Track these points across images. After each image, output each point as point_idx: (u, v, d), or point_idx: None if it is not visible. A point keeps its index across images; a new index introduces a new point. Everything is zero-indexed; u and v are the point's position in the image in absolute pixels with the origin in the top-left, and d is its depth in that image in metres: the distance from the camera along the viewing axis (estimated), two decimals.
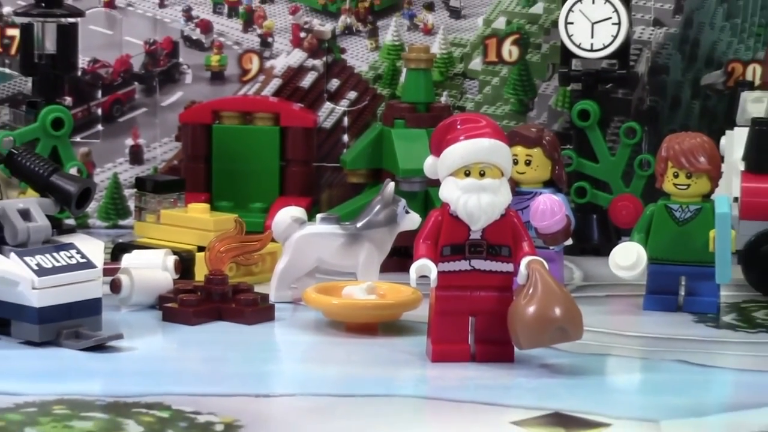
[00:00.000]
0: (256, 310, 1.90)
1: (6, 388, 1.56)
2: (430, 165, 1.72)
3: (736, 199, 2.05)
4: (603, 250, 2.16)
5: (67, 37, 2.30)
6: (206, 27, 2.53)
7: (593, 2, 2.32)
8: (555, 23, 2.41)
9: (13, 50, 2.49)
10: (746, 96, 2.31)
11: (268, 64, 2.54)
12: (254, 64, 2.54)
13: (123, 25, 2.53)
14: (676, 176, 1.94)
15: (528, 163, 2.04)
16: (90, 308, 1.76)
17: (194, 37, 2.55)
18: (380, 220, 1.97)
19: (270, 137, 2.35)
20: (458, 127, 1.69)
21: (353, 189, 2.30)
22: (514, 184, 1.77)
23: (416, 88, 2.29)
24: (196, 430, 1.43)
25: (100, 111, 2.54)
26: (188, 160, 2.39)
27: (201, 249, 2.06)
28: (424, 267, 1.66)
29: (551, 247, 1.95)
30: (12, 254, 1.72)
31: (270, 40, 2.54)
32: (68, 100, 2.39)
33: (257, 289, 1.96)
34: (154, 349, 1.78)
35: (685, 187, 1.94)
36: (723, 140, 2.21)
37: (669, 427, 1.48)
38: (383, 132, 2.27)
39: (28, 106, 2.33)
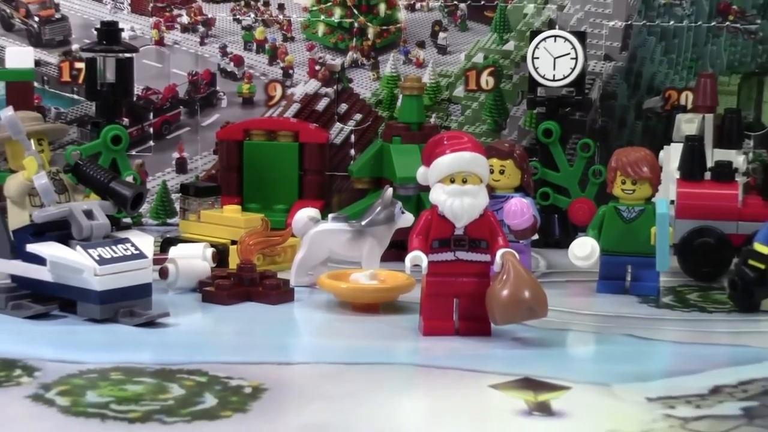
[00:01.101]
0: (279, 292, 1.88)
1: (72, 358, 1.55)
2: (422, 174, 1.71)
3: (672, 202, 2.02)
4: (563, 243, 2.14)
5: (125, 69, 2.28)
6: (238, 61, 2.52)
7: (555, 41, 2.31)
8: (524, 58, 2.39)
9: (80, 80, 2.45)
10: (680, 117, 2.30)
11: (289, 91, 2.52)
12: (278, 92, 2.52)
13: (170, 60, 2.51)
14: (623, 183, 1.92)
15: (502, 172, 2.02)
16: (142, 291, 1.75)
17: (229, 70, 2.53)
18: (381, 219, 1.95)
19: (290, 151, 2.33)
20: (445, 142, 1.69)
21: (359, 193, 2.28)
22: (491, 190, 1.75)
23: (410, 111, 2.27)
24: (228, 393, 1.42)
25: (151, 130, 2.52)
26: (223, 170, 2.36)
27: (234, 242, 2.04)
28: (417, 257, 1.66)
29: (521, 241, 1.92)
30: (78, 247, 1.71)
31: (291, 72, 2.52)
32: (125, 120, 2.37)
33: (280, 275, 1.94)
34: (194, 324, 1.77)
35: (631, 191, 1.92)
36: (662, 153, 2.19)
37: (619, 389, 1.47)
38: (383, 147, 2.25)
39: (92, 125, 2.31)
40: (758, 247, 1.83)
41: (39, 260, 1.72)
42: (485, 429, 1.34)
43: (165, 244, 2.08)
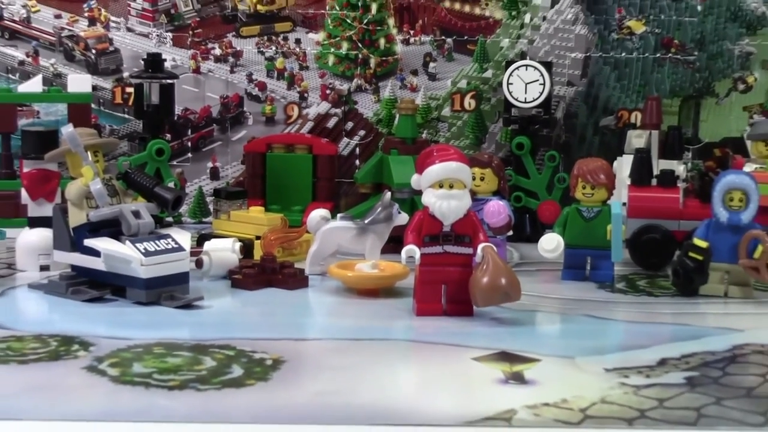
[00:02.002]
0: (296, 280, 1.87)
1: (121, 335, 1.54)
2: (415, 180, 1.71)
3: (624, 204, 2.01)
4: (533, 238, 2.12)
5: (167, 92, 2.28)
6: (262, 86, 2.51)
7: (526, 69, 2.30)
8: (500, 84, 2.37)
9: (130, 102, 2.44)
10: (631, 133, 2.29)
11: (304, 111, 2.51)
12: (295, 112, 2.51)
13: (205, 85, 2.51)
14: (584, 188, 1.91)
15: (482, 179, 2.00)
16: (180, 278, 1.74)
17: (254, 93, 2.52)
18: (381, 218, 1.94)
19: (305, 161, 2.31)
20: (434, 154, 1.69)
21: (362, 197, 2.27)
22: (473, 194, 1.74)
23: (405, 128, 2.26)
24: (252, 364, 1.42)
25: (189, 143, 2.51)
26: (250, 177, 2.34)
27: (258, 238, 2.03)
28: (411, 250, 1.66)
29: (498, 237, 1.91)
30: (127, 242, 1.71)
31: (306, 95, 2.51)
32: (167, 136, 2.36)
33: (297, 265, 1.92)
34: (224, 307, 1.75)
35: (590, 195, 1.91)
36: (615, 163, 2.18)
37: (581, 361, 1.46)
38: (383, 158, 2.24)
39: (139, 140, 2.31)
40: (697, 241, 1.83)
41: (94, 253, 1.72)
42: (468, 395, 1.33)
43: (200, 239, 2.06)
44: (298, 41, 2.50)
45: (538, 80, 2.30)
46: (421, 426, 1.22)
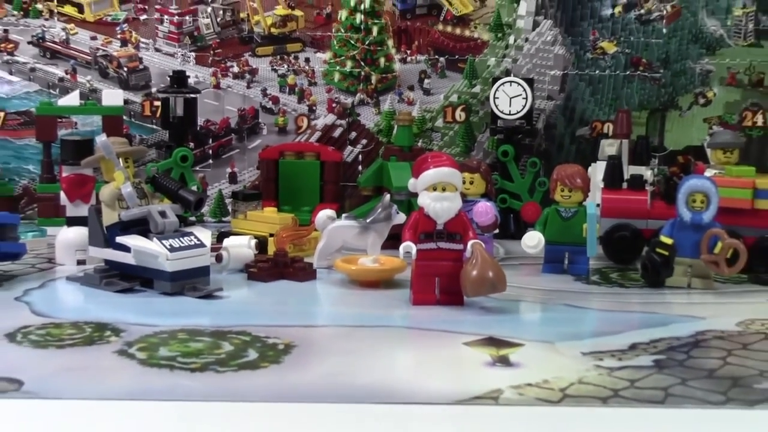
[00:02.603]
0: (305, 273, 1.85)
1: (149, 322, 1.53)
2: (412, 184, 1.69)
3: (598, 205, 2.00)
4: (517, 236, 2.09)
5: (190, 106, 2.27)
6: (275, 100, 2.50)
7: (510, 85, 2.29)
8: (487, 98, 2.36)
9: (157, 114, 2.42)
10: (604, 142, 2.29)
11: (313, 122, 2.49)
12: (305, 123, 2.50)
13: (224, 99, 2.49)
14: (562, 191, 1.90)
15: (471, 183, 2.00)
16: (202, 272, 1.73)
17: (268, 107, 2.50)
18: (381, 217, 1.92)
19: (314, 167, 2.29)
20: (429, 160, 1.68)
21: (364, 198, 2.25)
22: (463, 196, 1.73)
23: (403, 137, 2.25)
24: (266, 348, 1.41)
25: (210, 151, 2.49)
26: (264, 181, 2.32)
27: (271, 235, 2.02)
28: (408, 246, 1.65)
29: (486, 234, 1.89)
30: (154, 239, 1.70)
31: (314, 108, 2.50)
32: (191, 144, 2.35)
33: (306, 260, 1.90)
34: (241, 297, 1.73)
35: (567, 197, 1.90)
36: (590, 169, 2.17)
37: (560, 346, 1.45)
38: (383, 164, 2.23)
39: (166, 148, 2.30)
40: (663, 238, 1.82)
41: (125, 248, 1.71)
42: (459, 376, 1.32)
43: (220, 237, 2.05)
44: (307, 60, 2.50)
45: (521, 95, 2.29)
46: (416, 404, 1.21)
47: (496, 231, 1.98)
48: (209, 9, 2.49)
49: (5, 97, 2.44)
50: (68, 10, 2.47)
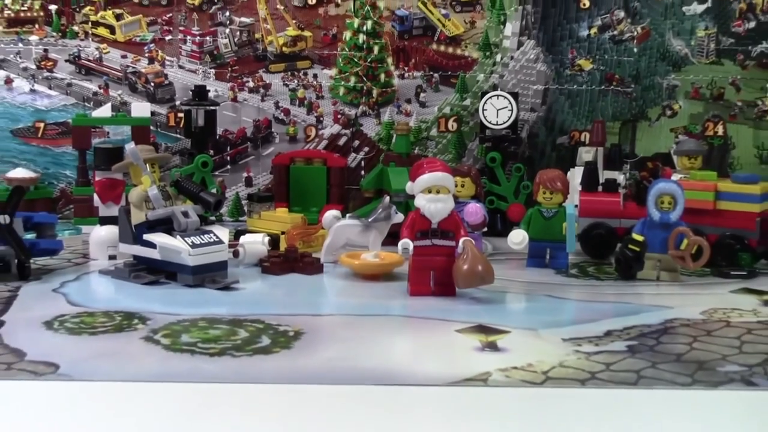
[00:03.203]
0: (313, 267, 1.84)
1: (173, 311, 1.52)
2: (409, 187, 1.68)
3: (576, 206, 1.98)
4: (504, 233, 2.09)
5: (210, 117, 2.26)
6: (287, 112, 2.49)
7: (498, 98, 2.27)
8: (477, 110, 2.34)
9: (181, 124, 2.41)
10: (581, 149, 2.28)
11: (321, 132, 2.48)
12: (313, 132, 2.48)
13: (241, 111, 2.48)
14: (544, 193, 1.88)
15: (462, 186, 1.99)
16: (221, 266, 1.71)
17: (280, 118, 2.49)
18: (381, 217, 1.90)
19: (321, 172, 2.28)
20: (424, 166, 1.67)
21: (366, 200, 2.23)
22: (455, 198, 1.71)
23: (401, 145, 2.24)
24: (278, 335, 1.39)
25: (228, 158, 2.48)
26: (276, 184, 2.31)
27: (283, 233, 2.00)
28: (406, 243, 1.63)
29: (475, 232, 1.88)
30: (178, 236, 1.69)
31: (321, 119, 2.49)
32: (211, 151, 2.33)
33: (314, 255, 1.89)
34: (255, 289, 1.71)
35: (549, 199, 1.88)
36: (569, 173, 2.16)
37: (543, 333, 1.44)
38: (383, 169, 2.21)
39: (188, 155, 2.29)
40: (635, 236, 1.80)
41: (152, 245, 1.69)
42: (452, 360, 1.31)
43: (237, 234, 2.03)
44: (315, 76, 2.48)
45: (507, 107, 2.27)
46: (413, 386, 1.20)
47: (485, 229, 1.98)
48: (227, 30, 2.48)
49: (45, 109, 2.43)
50: (101, 31, 2.46)
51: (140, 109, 2.27)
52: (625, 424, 1.12)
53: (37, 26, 2.43)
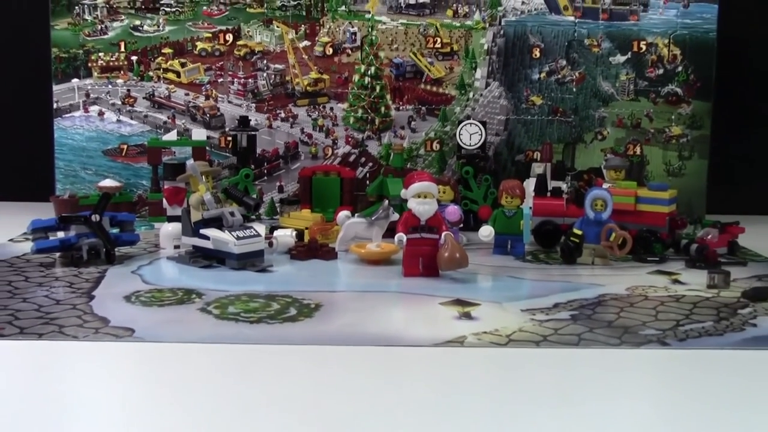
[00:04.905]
0: (330, 254, 1.79)
1: (221, 288, 1.48)
2: (403, 193, 1.65)
3: (531, 207, 1.93)
4: (475, 229, 2.01)
5: (251, 139, 2.22)
6: (310, 136, 2.44)
7: (470, 125, 2.23)
8: (454, 134, 2.29)
9: (229, 146, 2.37)
10: (534, 165, 2.23)
11: (336, 151, 2.43)
12: (330, 152, 2.43)
13: (275, 135, 2.43)
14: (506, 198, 1.84)
15: (444, 192, 1.96)
16: (259, 254, 1.67)
17: (304, 140, 2.44)
18: (382, 216, 1.85)
19: (336, 182, 2.21)
20: (415, 176, 1.64)
21: (370, 203, 2.17)
22: (438, 201, 1.68)
23: (397, 161, 2.19)
24: (302, 307, 1.37)
25: (265, 171, 2.43)
26: (302, 192, 2.25)
27: (306, 228, 1.95)
28: (401, 236, 1.61)
29: (454, 228, 1.84)
30: (226, 231, 1.65)
31: (336, 141, 2.44)
32: (252, 166, 2.28)
33: (330, 245, 1.85)
34: (285, 271, 1.68)
35: (510, 202, 1.83)
36: (525, 183, 2.10)
37: (506, 306, 1.40)
38: (383, 179, 2.15)
39: (234, 169, 2.24)
40: (575, 230, 1.77)
41: (206, 238, 1.66)
42: (436, 326, 1.28)
43: (272, 229, 1.98)
44: (331, 108, 2.45)
45: (477, 132, 2.24)
46: (406, 346, 1.18)
47: (461, 225, 1.94)
48: (265, 74, 2.45)
49: (128, 135, 2.42)
50: (170, 75, 2.43)
51: (199, 134, 2.24)
52: (570, 374, 1.10)
53: (122, 72, 2.42)
